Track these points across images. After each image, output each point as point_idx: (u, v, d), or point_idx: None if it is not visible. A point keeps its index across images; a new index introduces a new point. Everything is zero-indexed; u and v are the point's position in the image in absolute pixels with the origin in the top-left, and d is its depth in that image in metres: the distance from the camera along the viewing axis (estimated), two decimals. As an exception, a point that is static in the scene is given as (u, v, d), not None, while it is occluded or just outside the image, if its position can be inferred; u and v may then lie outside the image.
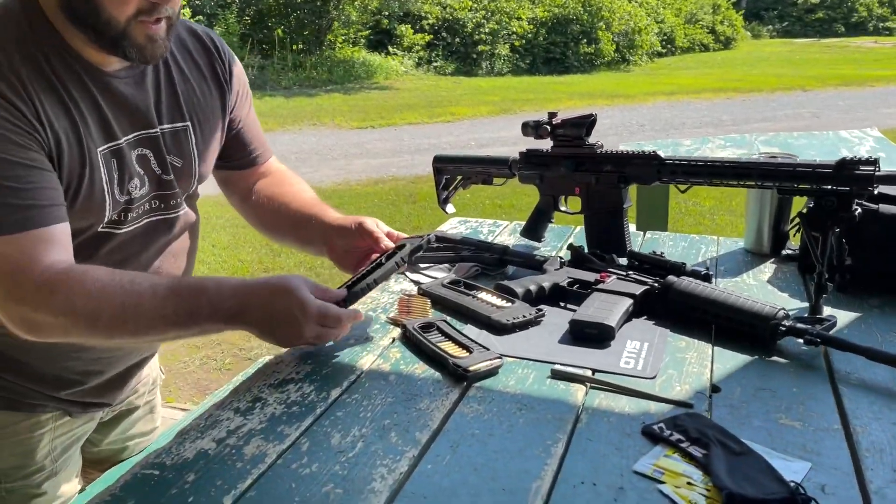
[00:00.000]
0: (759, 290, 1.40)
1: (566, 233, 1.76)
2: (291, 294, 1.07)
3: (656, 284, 1.29)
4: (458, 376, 1.07)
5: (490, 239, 1.72)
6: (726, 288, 1.25)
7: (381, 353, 1.16)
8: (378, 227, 1.32)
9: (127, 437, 1.45)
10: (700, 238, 1.70)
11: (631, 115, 9.98)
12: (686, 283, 1.26)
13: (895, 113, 9.72)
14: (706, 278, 1.30)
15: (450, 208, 1.73)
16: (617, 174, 1.47)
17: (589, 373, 1.09)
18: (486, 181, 1.66)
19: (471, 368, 1.07)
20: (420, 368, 1.11)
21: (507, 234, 1.77)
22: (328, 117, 10.09)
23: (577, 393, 1.04)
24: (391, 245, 1.29)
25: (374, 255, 1.27)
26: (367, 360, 1.14)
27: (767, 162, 1.31)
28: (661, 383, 1.06)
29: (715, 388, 1.05)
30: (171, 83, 1.21)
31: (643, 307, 1.27)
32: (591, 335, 1.18)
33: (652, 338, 1.20)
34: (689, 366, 1.11)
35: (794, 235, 1.56)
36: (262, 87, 12.15)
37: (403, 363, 1.13)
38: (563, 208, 1.58)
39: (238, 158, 1.41)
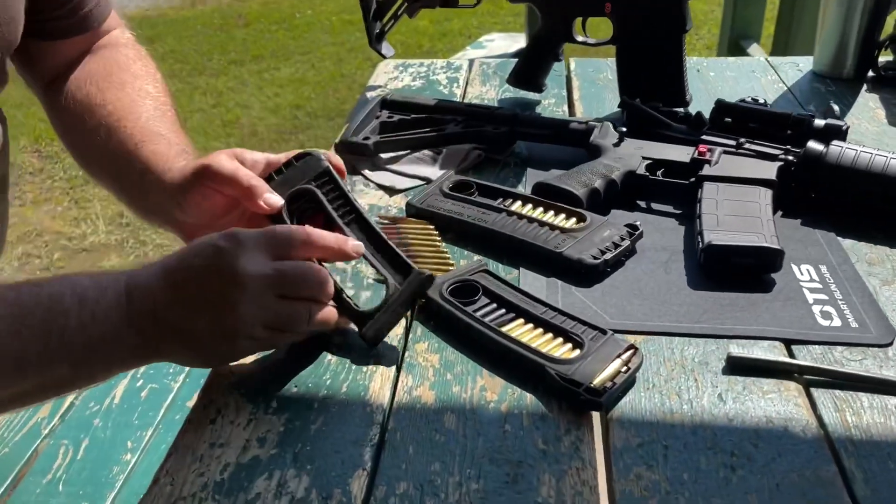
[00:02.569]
0: (891, 138, 0.96)
1: (560, 73, 1.21)
2: (210, 247, 0.56)
3: (791, 157, 0.81)
4: (582, 403, 0.57)
5: (458, 93, 1.15)
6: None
7: (404, 362, 0.63)
8: (238, 162, 0.66)
9: None
10: (749, 61, 1.21)
11: None
12: (845, 152, 0.78)
13: None
14: (845, 135, 0.84)
15: (386, 49, 1.12)
16: (680, -23, 0.92)
17: (782, 350, 0.63)
18: (448, 1, 1.06)
19: (596, 383, 0.57)
20: (490, 387, 0.59)
21: (477, 81, 1.20)
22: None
23: (797, 401, 0.57)
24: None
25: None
26: (380, 382, 0.61)
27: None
28: (906, 351, 0.62)
29: None
30: None
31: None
32: (742, 267, 0.70)
33: (824, 255, 0.73)
34: (919, 305, 0.67)
35: (886, 49, 1.12)
36: None
37: (454, 380, 0.61)
38: (579, 38, 1.03)
39: (54, 18, 0.77)
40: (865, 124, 0.99)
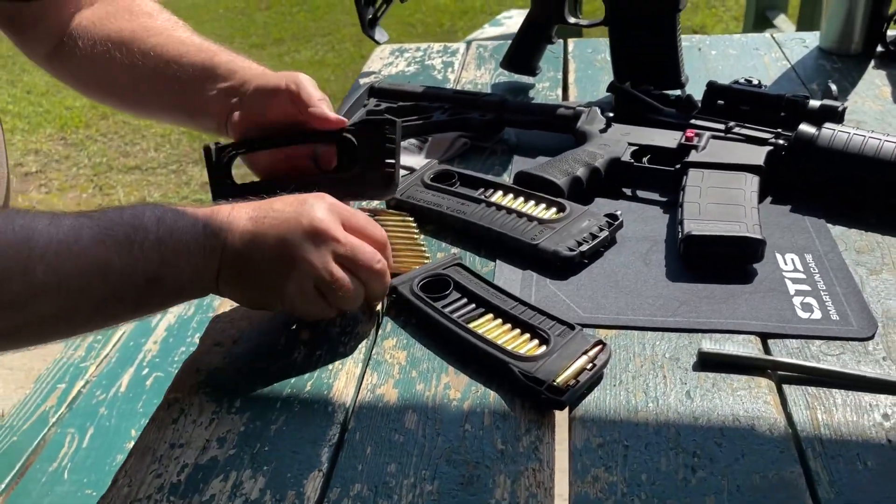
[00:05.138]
0: (895, 117, 0.92)
1: (557, 55, 1.18)
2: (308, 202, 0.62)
3: (781, 141, 0.79)
4: (543, 402, 0.56)
5: (451, 78, 1.13)
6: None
7: (371, 359, 0.62)
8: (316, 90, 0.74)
9: None
10: (751, 38, 1.17)
11: None
12: (837, 135, 0.76)
13: None
14: (841, 117, 0.81)
15: (380, 34, 1.11)
16: (671, -46, 0.89)
17: (757, 344, 0.61)
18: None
19: (559, 381, 0.56)
20: (454, 385, 0.59)
21: (472, 65, 1.18)
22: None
23: (767, 398, 0.55)
24: (319, 114, 0.72)
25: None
26: (345, 380, 0.60)
27: None
28: (889, 342, 0.59)
29: None
30: None
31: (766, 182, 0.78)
32: (722, 257, 0.68)
33: (811, 243, 0.71)
34: (907, 295, 0.64)
35: (895, 23, 1.08)
36: None
37: (419, 377, 0.60)
38: (571, 20, 1.00)
39: None
40: (869, 103, 0.96)
